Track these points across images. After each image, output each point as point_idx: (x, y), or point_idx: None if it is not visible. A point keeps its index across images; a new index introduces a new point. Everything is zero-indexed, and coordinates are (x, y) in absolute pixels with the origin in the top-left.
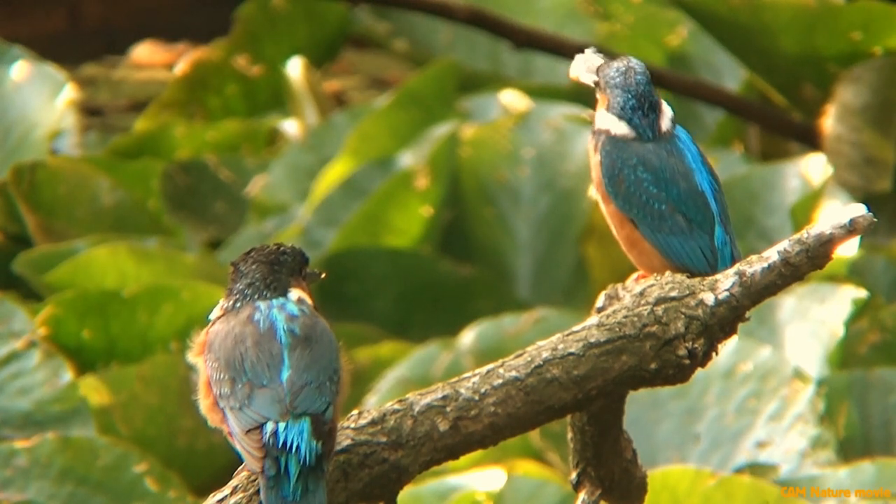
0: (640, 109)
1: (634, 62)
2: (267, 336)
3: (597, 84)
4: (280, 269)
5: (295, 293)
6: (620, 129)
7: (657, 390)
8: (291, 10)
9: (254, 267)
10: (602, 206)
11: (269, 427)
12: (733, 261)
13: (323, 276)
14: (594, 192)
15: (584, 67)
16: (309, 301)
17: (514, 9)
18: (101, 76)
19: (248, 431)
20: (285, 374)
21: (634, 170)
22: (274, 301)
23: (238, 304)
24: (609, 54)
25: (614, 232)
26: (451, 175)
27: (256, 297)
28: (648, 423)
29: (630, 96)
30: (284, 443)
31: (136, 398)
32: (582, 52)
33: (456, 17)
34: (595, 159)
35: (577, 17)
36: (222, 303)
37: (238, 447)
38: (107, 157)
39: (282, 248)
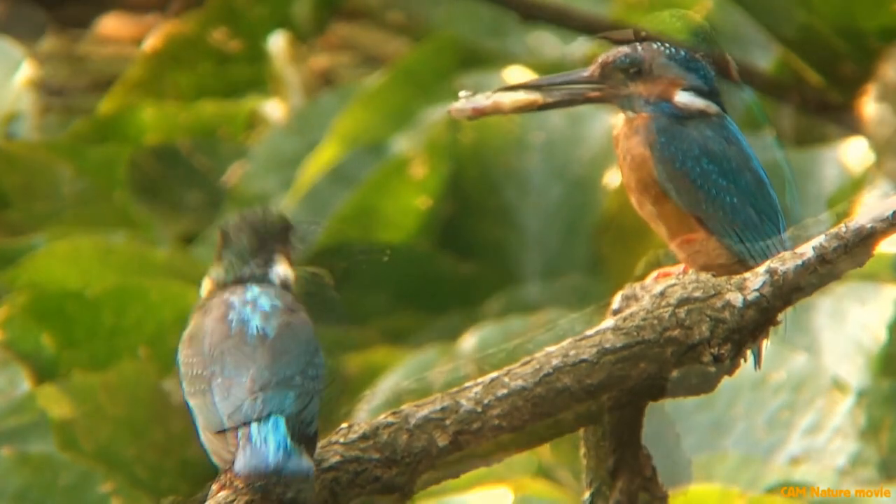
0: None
1: (649, 44)
2: (239, 334)
3: (636, 69)
4: (266, 238)
5: (280, 268)
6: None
7: (679, 401)
8: None
9: (242, 236)
10: (648, 207)
11: (242, 431)
12: None
13: (319, 229)
14: (637, 194)
15: (473, 101)
16: (291, 276)
17: None
18: (61, 52)
19: (219, 433)
20: (253, 371)
21: (699, 162)
22: (248, 295)
23: (229, 277)
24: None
25: (661, 232)
26: (451, 162)
27: (244, 268)
28: (670, 438)
29: (703, 64)
30: (257, 445)
31: (101, 410)
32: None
33: None
34: (639, 153)
35: None
36: (212, 272)
37: (212, 449)
38: (68, 142)
39: (267, 215)
